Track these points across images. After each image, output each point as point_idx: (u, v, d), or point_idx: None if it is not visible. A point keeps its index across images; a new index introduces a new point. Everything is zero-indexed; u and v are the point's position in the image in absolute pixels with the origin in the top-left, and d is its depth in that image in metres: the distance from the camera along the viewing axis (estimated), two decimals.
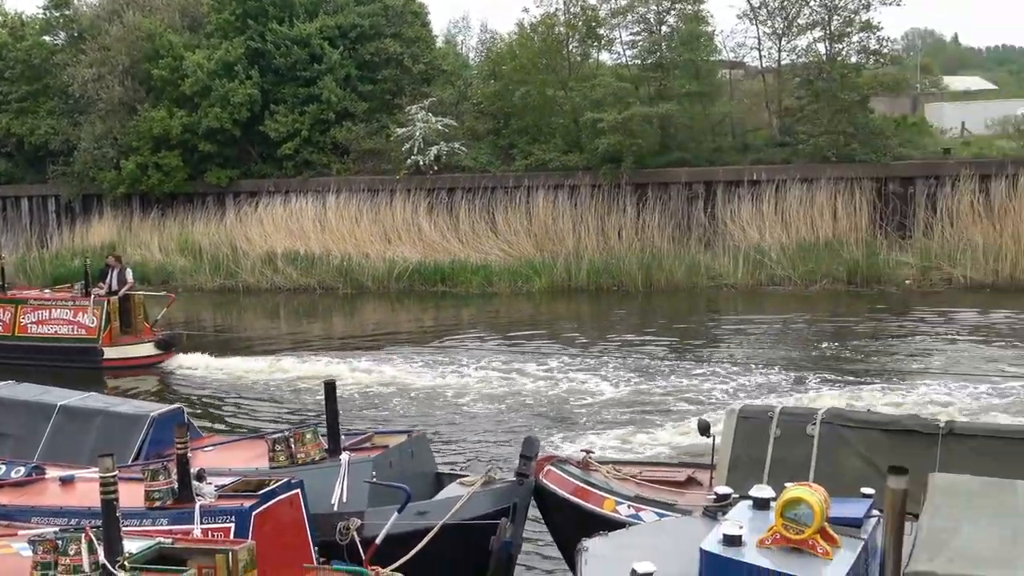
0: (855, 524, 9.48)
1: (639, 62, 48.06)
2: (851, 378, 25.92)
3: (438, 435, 22.03)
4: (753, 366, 27.60)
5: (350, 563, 11.79)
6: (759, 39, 48.14)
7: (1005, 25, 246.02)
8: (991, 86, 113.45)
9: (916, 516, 9.30)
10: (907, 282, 38.36)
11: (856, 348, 29.66)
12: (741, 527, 9.24)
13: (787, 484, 9.53)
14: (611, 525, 11.89)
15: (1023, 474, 11.39)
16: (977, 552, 8.46)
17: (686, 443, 20.55)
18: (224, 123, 49.15)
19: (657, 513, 12.87)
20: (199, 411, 24.55)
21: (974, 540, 8.58)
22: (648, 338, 31.74)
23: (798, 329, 32.85)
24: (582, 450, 15.64)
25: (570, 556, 12.34)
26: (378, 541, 12.18)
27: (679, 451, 20.17)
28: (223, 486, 11.86)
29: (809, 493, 9.03)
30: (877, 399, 23.74)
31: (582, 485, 13.92)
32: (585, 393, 25.46)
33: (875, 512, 9.75)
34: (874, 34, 45.27)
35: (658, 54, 46.89)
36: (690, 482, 14.32)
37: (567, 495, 13.86)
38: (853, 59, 45.65)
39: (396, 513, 12.47)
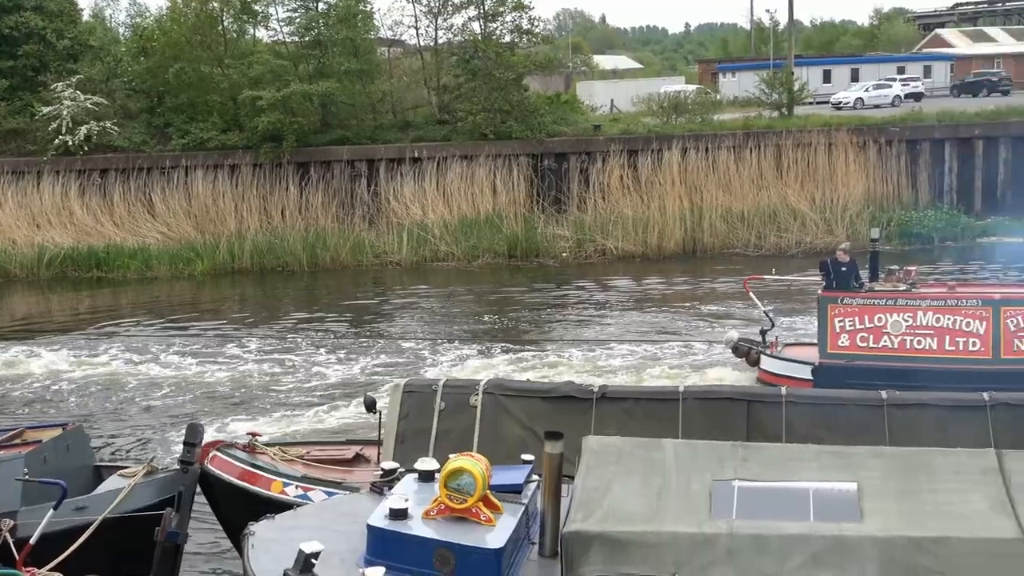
0: (516, 490, 9.81)
1: (297, 39, 47.58)
2: (515, 347, 26.73)
3: (99, 427, 21.19)
4: (421, 340, 27.99)
5: (3, 566, 11.17)
6: (416, 17, 48.74)
7: (649, 7, 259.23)
8: (637, 65, 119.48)
9: (573, 478, 9.72)
10: (564, 255, 39.85)
11: (519, 319, 30.62)
12: (407, 500, 9.39)
13: (451, 455, 9.76)
14: (280, 507, 11.80)
15: (670, 432, 12.15)
16: (627, 509, 8.93)
17: (355, 420, 20.65)
18: None
19: (326, 492, 12.87)
20: None
21: (624, 498, 9.05)
22: (317, 318, 31.60)
23: (463, 303, 33.56)
24: (248, 433, 15.42)
25: (239, 541, 12.17)
26: (33, 541, 11.58)
27: (348, 429, 20.21)
28: None
29: (471, 463, 9.27)
30: (540, 367, 24.64)
31: (249, 469, 13.75)
32: (256, 375, 25.09)
33: (535, 477, 10.11)
34: (526, 14, 46.75)
35: (316, 31, 46.56)
36: (358, 459, 14.41)
37: (233, 480, 13.64)
38: (507, 38, 46.89)
39: (52, 510, 11.90)
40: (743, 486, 9.26)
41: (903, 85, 70.87)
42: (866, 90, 65.13)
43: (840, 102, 60.82)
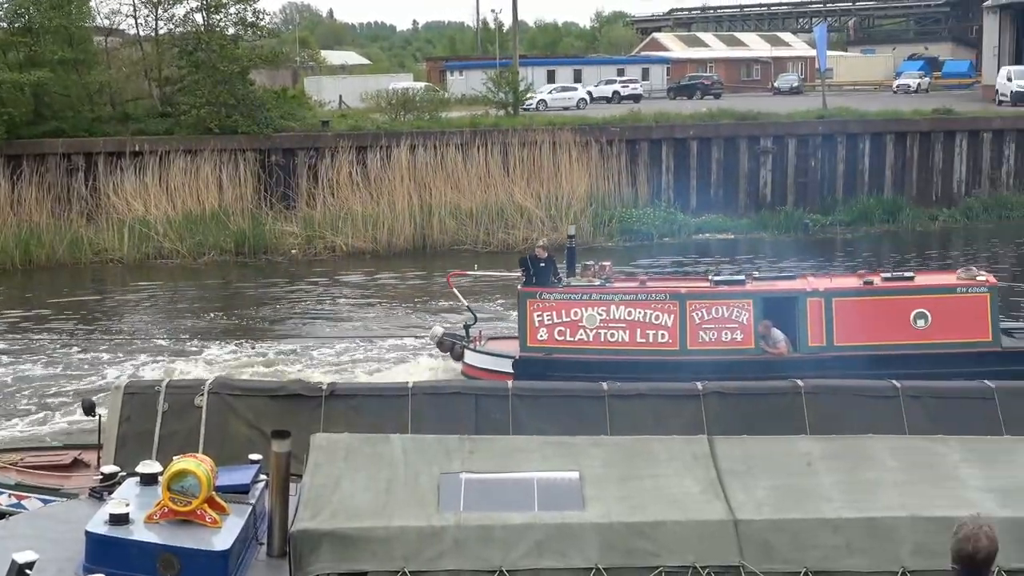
0: (243, 490, 9.65)
1: (5, 26, 45.13)
2: (244, 346, 26.32)
3: None
4: (145, 340, 27.19)
5: None
6: (135, 6, 47.05)
7: (377, 3, 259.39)
8: (365, 61, 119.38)
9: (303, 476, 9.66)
10: (293, 251, 39.37)
11: (248, 317, 30.14)
12: (128, 504, 9.10)
13: (175, 457, 9.53)
14: None
15: (400, 428, 12.25)
16: (355, 506, 8.95)
17: (75, 424, 19.92)
18: None
19: (41, 499, 12.37)
20: None
21: (352, 494, 9.07)
22: (33, 318, 30.16)
23: (190, 301, 32.75)
24: None
25: None
26: None
27: (67, 433, 19.47)
28: None
29: (195, 464, 9.07)
30: (270, 364, 24.35)
31: None
32: None
33: (263, 476, 9.99)
34: (250, 6, 45.84)
35: (26, 18, 44.27)
36: (77, 464, 13.91)
37: None
38: (231, 31, 45.91)
39: None
40: (470, 478, 9.42)
41: (623, 87, 73.66)
42: (550, 92, 67.40)
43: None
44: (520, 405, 13.13)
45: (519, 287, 21.77)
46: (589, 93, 69.41)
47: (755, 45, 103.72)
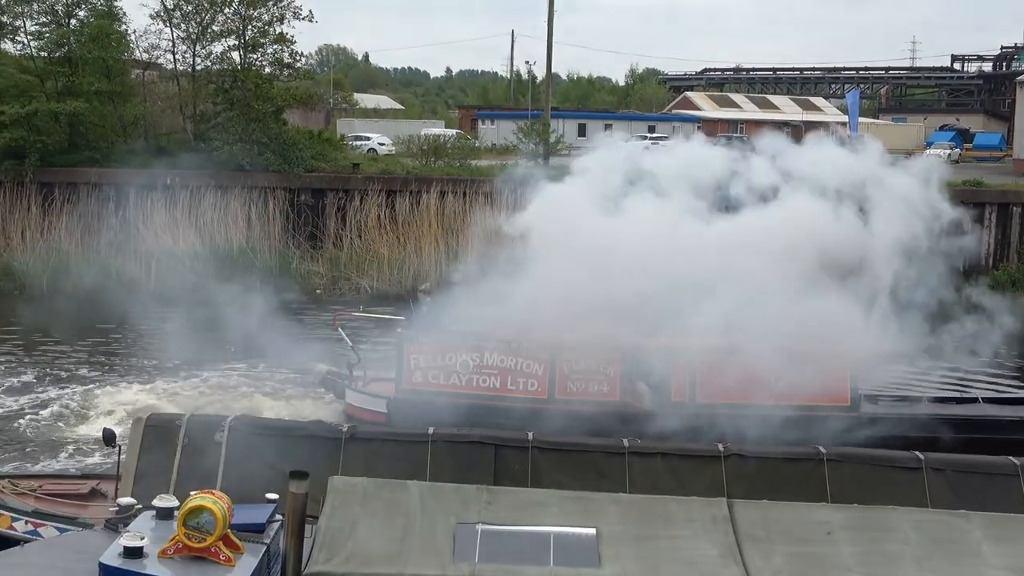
0: (258, 529, 9.63)
1: (46, 55, 45.65)
2: (266, 382, 26.27)
3: None
4: (168, 373, 27.17)
5: None
6: (174, 42, 47.53)
7: (412, 49, 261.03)
8: (398, 106, 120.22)
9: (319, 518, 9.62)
10: (318, 291, 39.44)
11: None
12: (143, 538, 9.09)
13: (192, 492, 9.53)
14: (6, 543, 11.25)
15: (418, 474, 12.18)
16: (371, 550, 8.92)
17: (94, 454, 19.93)
18: None
19: (57, 528, 12.34)
20: None
21: (368, 539, 9.05)
22: (57, 346, 30.22)
23: (217, 336, 32.74)
24: None
25: None
26: None
27: (86, 462, 19.48)
28: None
29: (212, 501, 9.06)
30: (290, 402, 24.31)
31: None
32: None
33: (278, 516, 9.98)
34: (287, 47, 46.26)
35: (67, 48, 44.82)
36: (94, 494, 13.87)
37: None
38: (267, 70, 46.34)
39: None
40: (486, 529, 9.39)
41: (653, 143, 73.74)
42: None
43: None
44: (540, 457, 13.06)
45: (397, 329, 22.09)
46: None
47: (786, 108, 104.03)
